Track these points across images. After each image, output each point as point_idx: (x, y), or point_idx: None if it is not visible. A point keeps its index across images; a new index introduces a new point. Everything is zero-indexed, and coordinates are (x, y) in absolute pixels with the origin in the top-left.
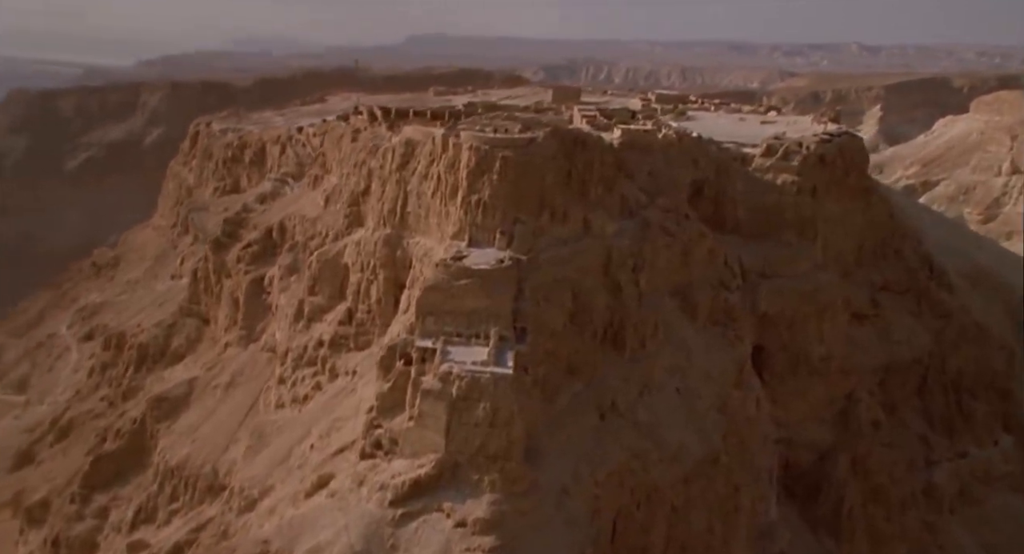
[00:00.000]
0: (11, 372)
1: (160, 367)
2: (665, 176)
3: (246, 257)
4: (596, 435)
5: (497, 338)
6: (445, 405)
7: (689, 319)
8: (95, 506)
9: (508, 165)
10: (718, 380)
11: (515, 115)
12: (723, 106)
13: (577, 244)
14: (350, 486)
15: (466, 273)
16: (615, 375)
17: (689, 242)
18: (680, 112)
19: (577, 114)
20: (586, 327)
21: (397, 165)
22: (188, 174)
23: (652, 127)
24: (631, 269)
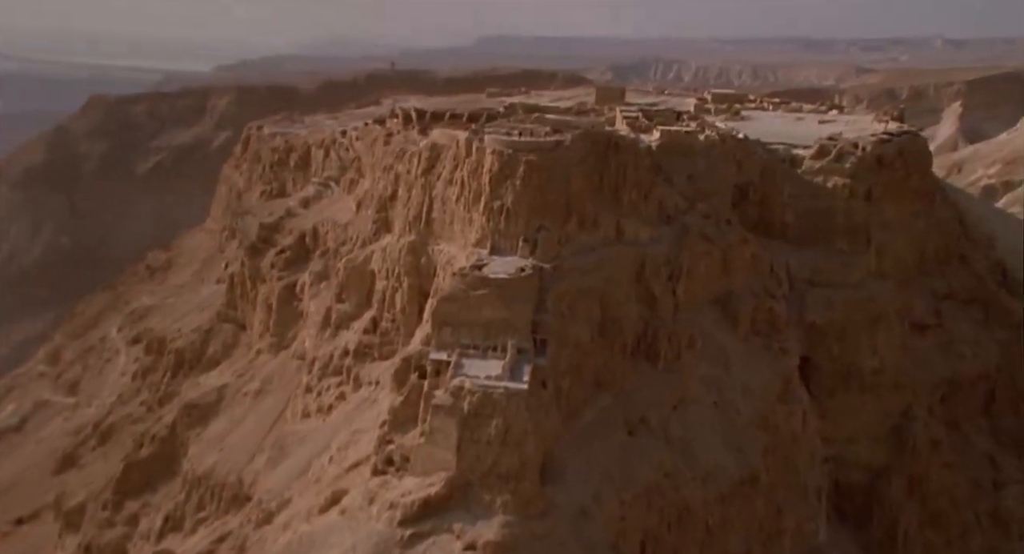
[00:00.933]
0: (65, 373)
1: (196, 373)
2: (706, 180)
3: (279, 263)
4: (623, 452)
5: (515, 351)
6: (456, 421)
7: (730, 329)
8: (126, 513)
9: (532, 170)
10: (759, 394)
11: (546, 117)
12: (783, 105)
13: (607, 252)
14: (360, 504)
15: (483, 283)
16: (647, 389)
17: (730, 249)
18: (734, 112)
19: (619, 115)
20: (615, 338)
21: (422, 170)
22: (239, 178)
23: (694, 128)
24: (667, 277)
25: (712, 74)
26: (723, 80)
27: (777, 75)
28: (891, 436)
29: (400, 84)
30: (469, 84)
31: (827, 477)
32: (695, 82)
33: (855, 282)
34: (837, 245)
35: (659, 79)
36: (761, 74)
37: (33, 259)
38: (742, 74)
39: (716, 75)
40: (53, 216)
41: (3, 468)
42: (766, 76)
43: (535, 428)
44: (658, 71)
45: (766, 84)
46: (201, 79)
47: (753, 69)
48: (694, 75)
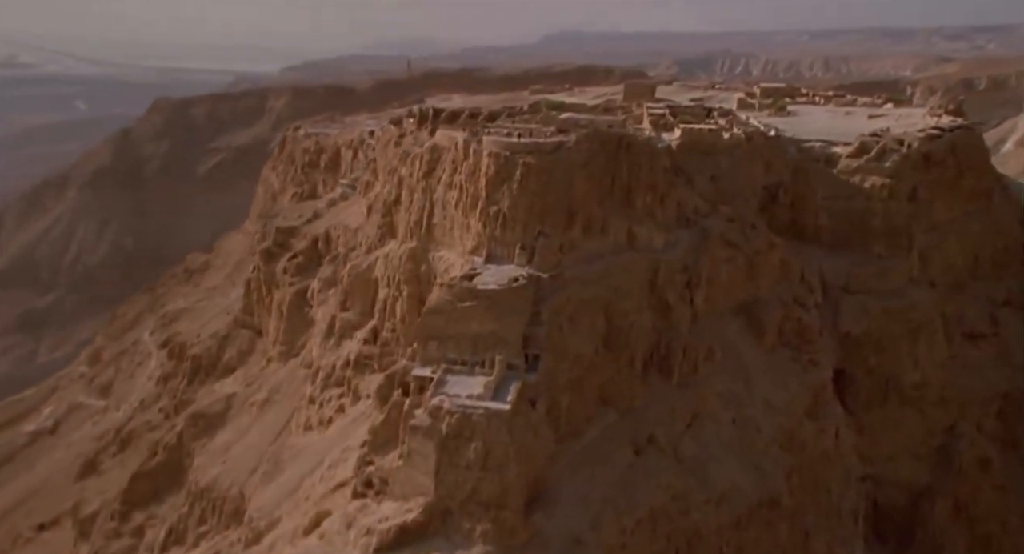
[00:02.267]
0: (100, 376)
1: (212, 380)
2: (730, 181)
3: (291, 268)
4: (627, 473)
5: (503, 367)
6: (434, 444)
7: (754, 340)
8: (133, 524)
9: (530, 172)
10: (784, 410)
11: (559, 116)
12: (836, 99)
13: (616, 259)
14: (339, 528)
15: (471, 294)
16: (658, 405)
17: (756, 254)
18: (780, 107)
19: (645, 112)
20: (622, 351)
21: (423, 173)
22: (275, 179)
23: (719, 126)
24: (684, 285)
25: (782, 67)
26: (793, 73)
27: (850, 67)
28: (935, 454)
29: (453, 82)
30: (523, 81)
31: (865, 497)
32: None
33: (894, 289)
34: (875, 249)
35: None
36: (833, 66)
37: (98, 259)
38: (813, 66)
39: (786, 68)
40: (118, 216)
41: (31, 472)
42: (838, 68)
43: (518, 452)
44: (725, 65)
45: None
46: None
47: (825, 61)
48: (763, 69)
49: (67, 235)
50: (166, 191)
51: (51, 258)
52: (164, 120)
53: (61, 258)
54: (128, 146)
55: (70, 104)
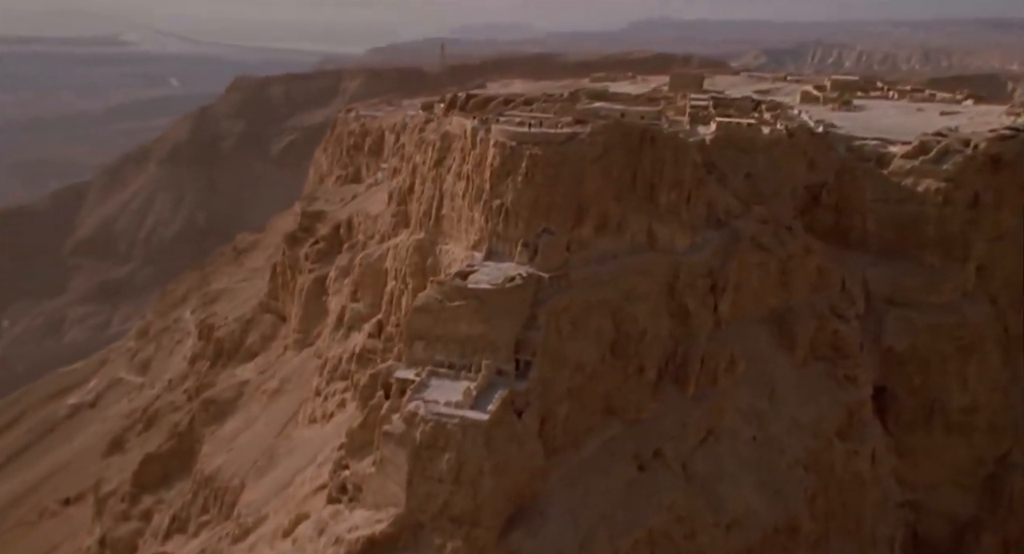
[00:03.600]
0: (141, 352)
1: (234, 364)
2: (767, 179)
3: (312, 254)
4: (628, 490)
5: (490, 372)
6: (407, 453)
7: (785, 353)
8: (141, 508)
9: (536, 164)
10: (812, 428)
11: (587, 104)
12: (913, 93)
13: (631, 260)
14: (311, 534)
15: (461, 293)
16: (670, 417)
17: (790, 259)
18: (845, 101)
19: (687, 104)
20: (631, 359)
21: (434, 161)
22: (324, 161)
23: (759, 120)
24: (707, 290)
25: (876, 59)
26: (888, 65)
27: (952, 59)
28: (983, 485)
29: (525, 68)
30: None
31: (903, 525)
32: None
33: (945, 303)
34: (926, 259)
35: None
36: (933, 58)
37: (172, 233)
38: (911, 59)
39: (881, 60)
40: (192, 192)
41: (66, 445)
42: (938, 60)
43: (496, 466)
44: (816, 56)
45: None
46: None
47: (924, 53)
48: (856, 60)
49: (144, 209)
50: (239, 168)
51: (129, 231)
52: (242, 99)
53: (138, 231)
54: (206, 123)
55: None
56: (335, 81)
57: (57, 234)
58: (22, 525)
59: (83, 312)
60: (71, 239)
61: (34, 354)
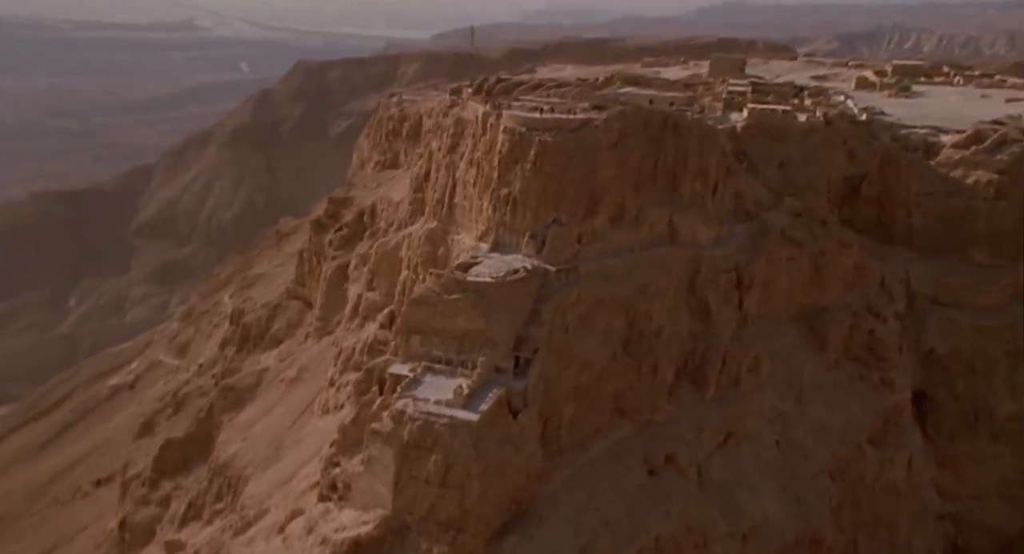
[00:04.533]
0: (180, 335)
1: (259, 350)
2: (802, 169)
3: (336, 241)
4: (636, 495)
5: (486, 370)
6: (394, 452)
7: (815, 353)
8: (160, 493)
9: (546, 152)
10: (841, 434)
11: (612, 91)
12: (980, 79)
13: (648, 253)
14: (300, 532)
15: (459, 286)
16: (686, 420)
17: (824, 254)
18: (903, 87)
19: (725, 90)
20: (644, 357)
21: (448, 148)
22: (366, 146)
23: (795, 106)
24: (732, 286)
25: (958, 43)
26: (970, 49)
27: None
28: None
29: (583, 52)
30: (657, 53)
31: (944, 538)
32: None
33: (994, 304)
34: (975, 256)
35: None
36: (1020, 44)
37: (231, 215)
38: (995, 43)
39: (963, 44)
40: (252, 175)
41: (103, 426)
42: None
43: (486, 469)
44: (893, 40)
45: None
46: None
47: (1011, 37)
48: (936, 44)
49: (205, 191)
50: (297, 152)
51: (190, 212)
52: (301, 83)
53: (198, 213)
54: (266, 107)
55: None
56: (393, 66)
57: (123, 215)
58: (56, 504)
59: (144, 292)
60: (136, 220)
61: (98, 332)
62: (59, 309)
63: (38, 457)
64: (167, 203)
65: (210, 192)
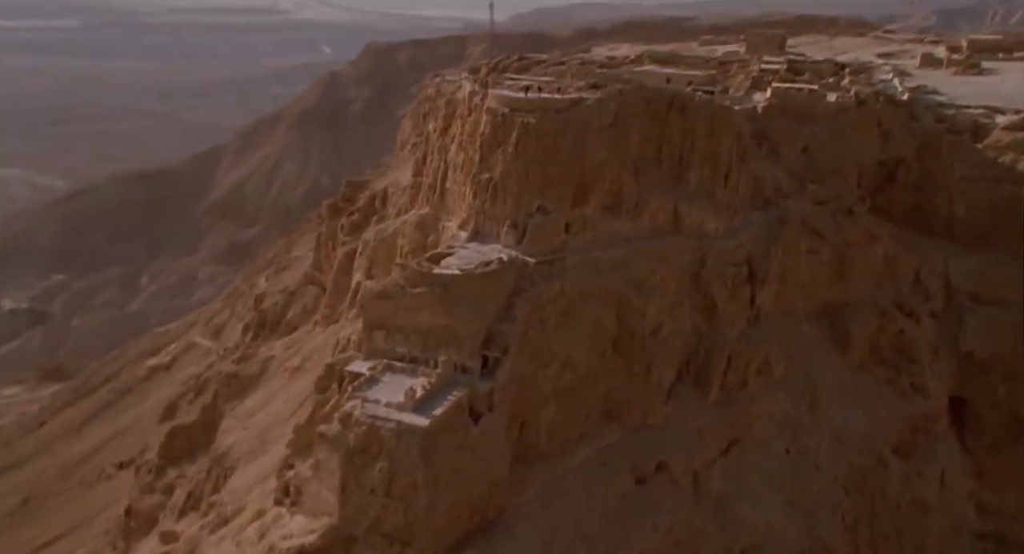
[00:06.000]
0: (216, 317)
1: (275, 336)
2: (828, 153)
3: (347, 226)
4: (620, 507)
5: (448, 369)
6: (340, 457)
7: (836, 354)
8: (165, 481)
9: (528, 134)
10: (859, 443)
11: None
12: None
13: (646, 245)
14: (252, 538)
15: (424, 279)
16: (684, 424)
17: (849, 246)
18: (971, 64)
19: (757, 68)
20: (636, 357)
21: (440, 129)
22: (408, 128)
23: (829, 84)
24: (743, 280)
25: None
26: None
27: None
28: None
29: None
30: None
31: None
32: None
33: None
34: (1022, 250)
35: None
36: None
37: (298, 196)
38: None
39: None
40: (318, 156)
41: (137, 407)
42: None
43: (436, 479)
44: (997, 15)
45: None
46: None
47: None
48: None
49: (272, 172)
50: (364, 133)
51: (257, 193)
52: (370, 64)
53: (265, 194)
54: (334, 88)
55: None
56: (459, 47)
57: (194, 195)
58: (82, 484)
59: (212, 272)
60: (206, 200)
61: (167, 311)
62: (132, 287)
63: (76, 435)
64: (236, 184)
65: (277, 173)
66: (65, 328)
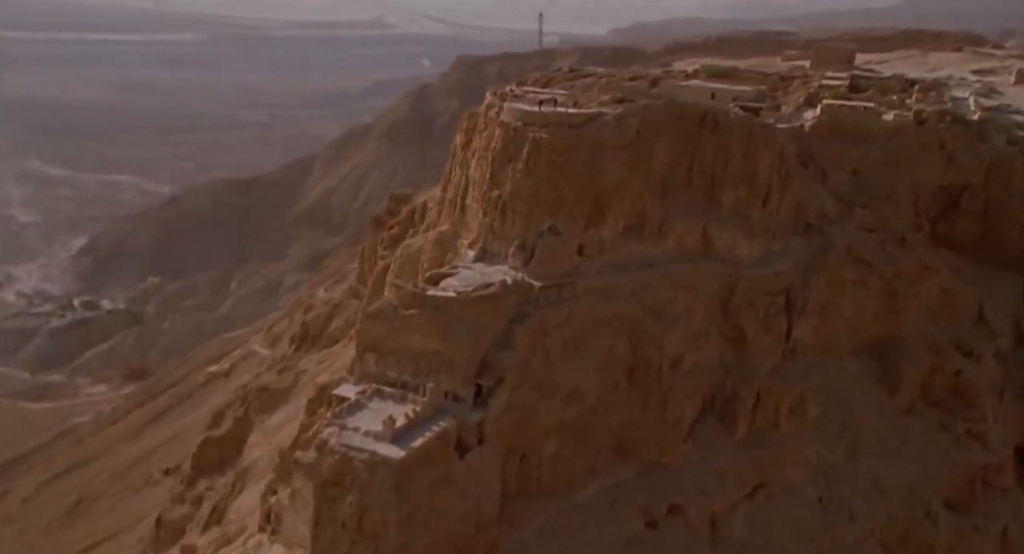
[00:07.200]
0: (276, 326)
1: (315, 350)
2: (881, 177)
3: (386, 239)
4: (625, 551)
5: (436, 397)
6: (315, 487)
7: (883, 395)
8: (195, 492)
9: (540, 149)
10: (902, 493)
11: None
12: None
13: (669, 269)
14: None
15: (416, 300)
16: (704, 464)
17: (900, 278)
18: None
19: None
20: (653, 389)
21: (462, 142)
22: None
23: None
24: (777, 311)
25: None
26: None
27: None
28: None
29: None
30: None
31: None
32: None
33: None
34: None
35: None
36: None
37: (382, 207)
38: None
39: None
40: (405, 168)
41: (190, 413)
42: None
43: (411, 517)
44: None
45: None
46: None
47: None
48: None
49: (360, 182)
50: (448, 145)
51: (344, 203)
52: (459, 77)
53: (352, 204)
54: (424, 101)
55: (417, 62)
56: (547, 60)
57: (285, 203)
58: (130, 489)
59: (296, 279)
60: (295, 208)
61: (251, 315)
62: (221, 292)
63: (135, 438)
64: (324, 193)
65: (365, 184)
66: (157, 329)
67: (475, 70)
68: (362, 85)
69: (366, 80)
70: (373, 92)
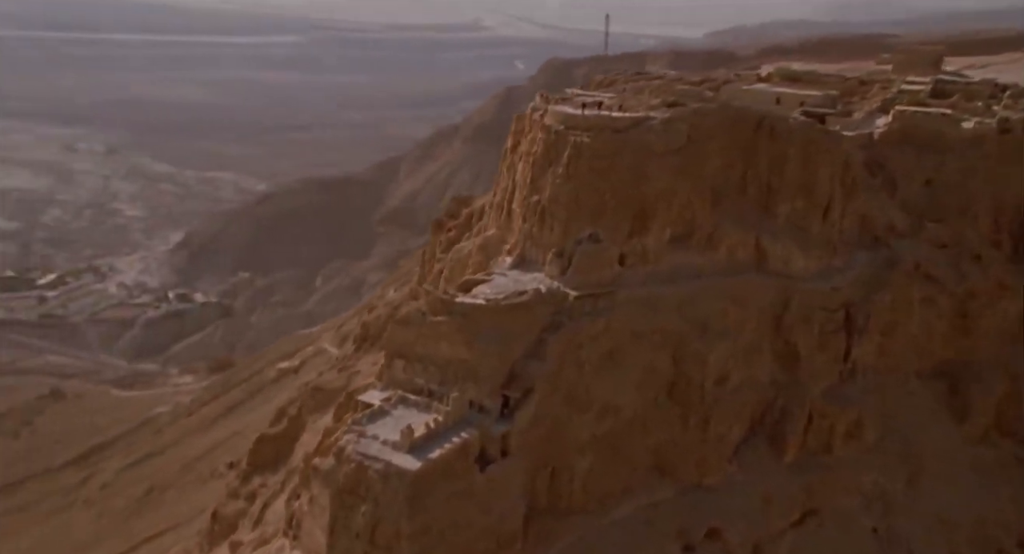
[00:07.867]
0: (346, 325)
1: (375, 350)
2: (958, 189)
3: (443, 242)
4: None
5: (460, 407)
6: (331, 495)
7: (952, 423)
8: (249, 488)
9: (581, 154)
10: (969, 529)
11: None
12: None
13: (715, 281)
14: None
15: (445, 307)
16: (752, 487)
17: (974, 297)
18: None
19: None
20: (694, 407)
21: (511, 147)
22: None
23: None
24: (835, 329)
25: None
26: None
27: None
28: None
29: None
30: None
31: None
32: None
33: None
34: None
35: None
36: None
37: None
38: None
39: None
40: (489, 170)
41: (259, 408)
42: None
43: (425, 529)
44: None
45: None
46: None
47: None
48: None
49: (445, 183)
50: None
51: (429, 204)
52: (546, 80)
53: (437, 204)
54: (509, 103)
55: (511, 64)
56: (639, 63)
57: (373, 202)
58: (197, 480)
59: (378, 278)
60: (382, 207)
61: (333, 313)
62: (307, 288)
63: (206, 430)
64: (410, 194)
65: (449, 185)
66: (245, 323)
67: (563, 72)
68: (455, 86)
69: (461, 82)
70: (467, 94)
